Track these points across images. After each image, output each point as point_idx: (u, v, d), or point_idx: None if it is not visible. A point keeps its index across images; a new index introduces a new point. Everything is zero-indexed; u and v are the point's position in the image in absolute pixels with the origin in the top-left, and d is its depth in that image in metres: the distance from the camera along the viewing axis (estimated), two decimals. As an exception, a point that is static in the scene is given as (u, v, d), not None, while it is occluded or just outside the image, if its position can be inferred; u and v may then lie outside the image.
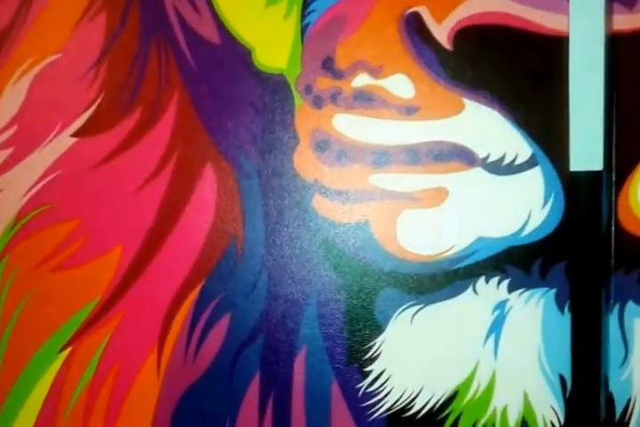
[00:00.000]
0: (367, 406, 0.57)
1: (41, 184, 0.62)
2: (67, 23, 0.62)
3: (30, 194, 0.62)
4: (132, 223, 0.61)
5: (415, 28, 0.56)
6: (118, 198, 0.61)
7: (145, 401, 0.60)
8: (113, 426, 0.61)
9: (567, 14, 0.53)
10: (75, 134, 0.62)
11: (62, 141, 0.62)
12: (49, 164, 0.62)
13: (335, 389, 0.57)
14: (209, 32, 0.60)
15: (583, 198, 0.53)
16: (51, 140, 0.62)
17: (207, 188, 0.60)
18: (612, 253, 0.54)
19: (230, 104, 0.59)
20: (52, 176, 0.62)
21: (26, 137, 0.62)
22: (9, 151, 0.63)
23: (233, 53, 0.59)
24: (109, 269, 0.61)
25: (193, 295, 0.60)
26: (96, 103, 0.62)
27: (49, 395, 0.62)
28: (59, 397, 0.62)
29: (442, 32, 0.56)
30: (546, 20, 0.54)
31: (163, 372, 0.60)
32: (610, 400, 0.54)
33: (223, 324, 0.59)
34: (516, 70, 0.55)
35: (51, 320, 0.62)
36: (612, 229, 0.53)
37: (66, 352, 0.61)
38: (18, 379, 0.62)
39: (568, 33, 0.53)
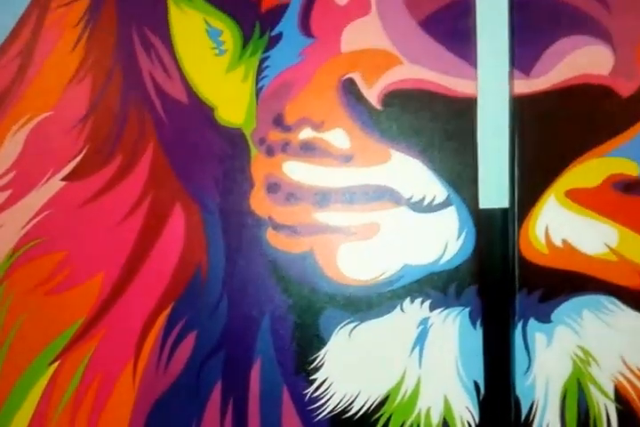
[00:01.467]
0: (313, 409, 0.58)
1: (35, 220, 0.62)
2: (58, 85, 0.63)
3: (26, 229, 0.62)
4: (112, 254, 0.60)
5: (350, 91, 0.58)
6: (100, 233, 0.61)
7: (123, 406, 0.60)
8: (95, 428, 0.60)
9: (475, 80, 0.56)
10: (64, 178, 0.62)
11: (53, 185, 0.62)
12: (42, 203, 0.62)
13: (285, 394, 0.58)
14: (178, 93, 0.61)
15: (491, 231, 0.56)
16: (44, 184, 0.62)
17: (176, 223, 0.60)
18: (516, 278, 0.55)
19: (196, 153, 0.60)
20: (44, 214, 0.62)
21: (23, 181, 0.63)
22: (8, 192, 0.63)
23: (198, 111, 0.60)
24: (92, 293, 0.61)
25: (164, 315, 0.60)
26: (83, 153, 0.62)
27: (40, 402, 0.61)
28: (48, 403, 0.61)
29: (372, 94, 0.57)
30: (457, 85, 0.56)
31: (138, 381, 0.60)
32: (517, 403, 0.55)
33: (190, 339, 0.59)
34: (433, 126, 0.57)
35: (42, 337, 0.61)
36: (516, 257, 0.55)
37: (55, 365, 0.61)
38: (13, 388, 0.61)
39: (476, 95, 0.56)
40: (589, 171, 0.55)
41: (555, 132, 0.55)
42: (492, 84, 0.56)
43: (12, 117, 0.63)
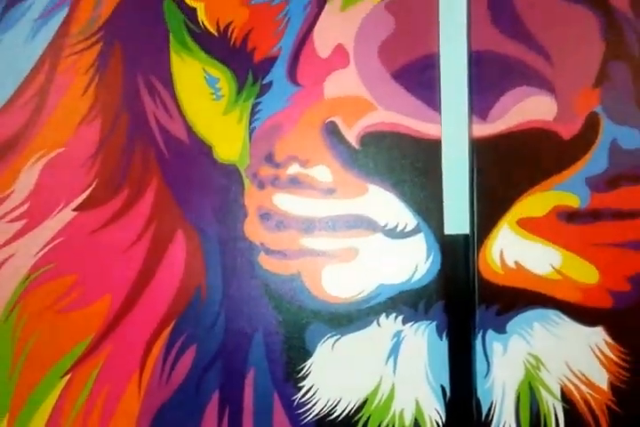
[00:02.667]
0: (300, 413, 0.59)
1: (48, 247, 0.62)
2: (70, 125, 0.63)
3: (39, 255, 0.62)
4: (119, 277, 0.61)
5: (332, 132, 0.60)
6: (109, 258, 0.62)
7: (129, 415, 0.61)
8: (103, 436, 0.60)
9: (439, 124, 0.58)
10: (75, 209, 0.62)
11: (65, 215, 0.62)
12: (55, 232, 0.62)
13: (276, 400, 0.59)
14: (180, 133, 0.62)
15: (455, 255, 0.58)
16: (56, 214, 0.63)
17: (178, 249, 0.61)
18: (476, 295, 0.58)
19: (196, 186, 0.61)
20: (56, 241, 0.62)
21: (37, 211, 0.63)
22: (23, 222, 0.63)
23: (198, 149, 0.62)
24: (101, 312, 0.61)
25: (167, 332, 0.61)
26: (92, 186, 0.62)
27: (53, 411, 0.62)
28: (61, 413, 0.62)
29: (351, 135, 0.59)
30: (424, 128, 0.59)
31: (143, 391, 0.61)
32: (478, 404, 0.58)
33: (190, 353, 0.60)
34: (404, 163, 0.59)
35: (54, 353, 0.62)
36: (476, 277, 0.58)
37: (66, 378, 0.62)
38: (28, 398, 0.62)
39: (440, 137, 0.58)
40: (537, 203, 0.57)
41: (508, 170, 0.58)
42: (453, 128, 0.58)
43: (27, 153, 0.64)
